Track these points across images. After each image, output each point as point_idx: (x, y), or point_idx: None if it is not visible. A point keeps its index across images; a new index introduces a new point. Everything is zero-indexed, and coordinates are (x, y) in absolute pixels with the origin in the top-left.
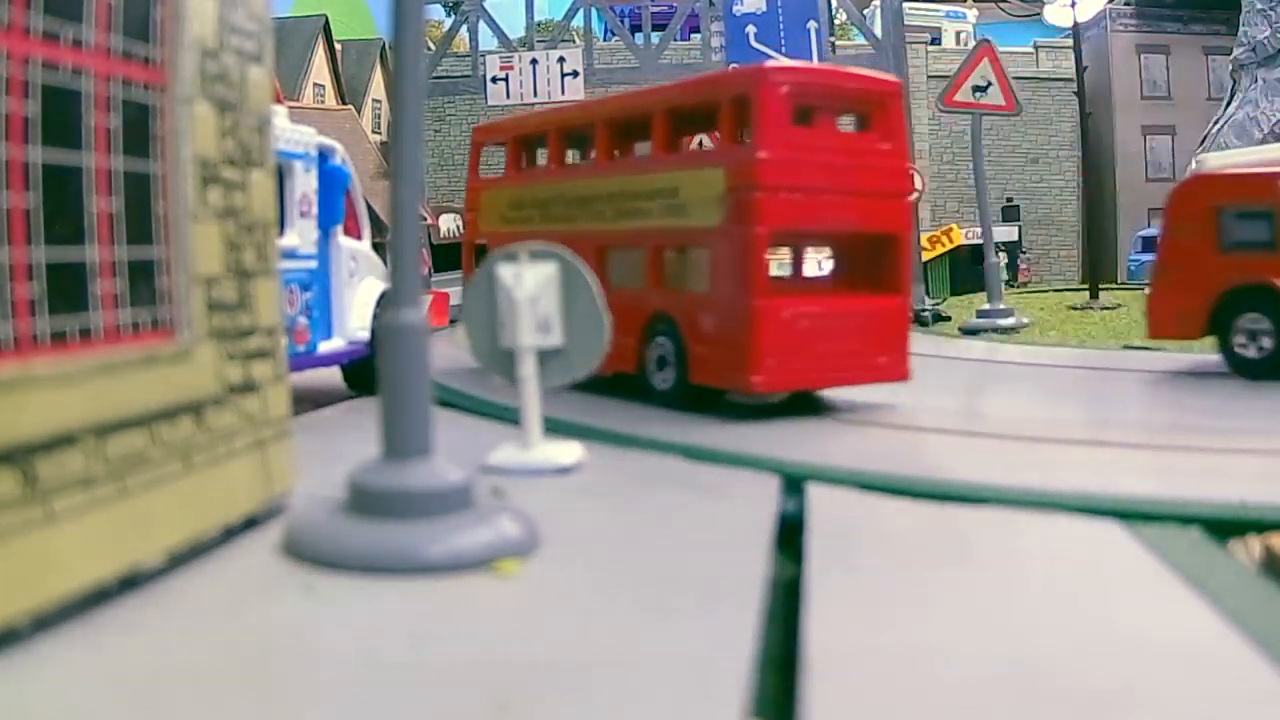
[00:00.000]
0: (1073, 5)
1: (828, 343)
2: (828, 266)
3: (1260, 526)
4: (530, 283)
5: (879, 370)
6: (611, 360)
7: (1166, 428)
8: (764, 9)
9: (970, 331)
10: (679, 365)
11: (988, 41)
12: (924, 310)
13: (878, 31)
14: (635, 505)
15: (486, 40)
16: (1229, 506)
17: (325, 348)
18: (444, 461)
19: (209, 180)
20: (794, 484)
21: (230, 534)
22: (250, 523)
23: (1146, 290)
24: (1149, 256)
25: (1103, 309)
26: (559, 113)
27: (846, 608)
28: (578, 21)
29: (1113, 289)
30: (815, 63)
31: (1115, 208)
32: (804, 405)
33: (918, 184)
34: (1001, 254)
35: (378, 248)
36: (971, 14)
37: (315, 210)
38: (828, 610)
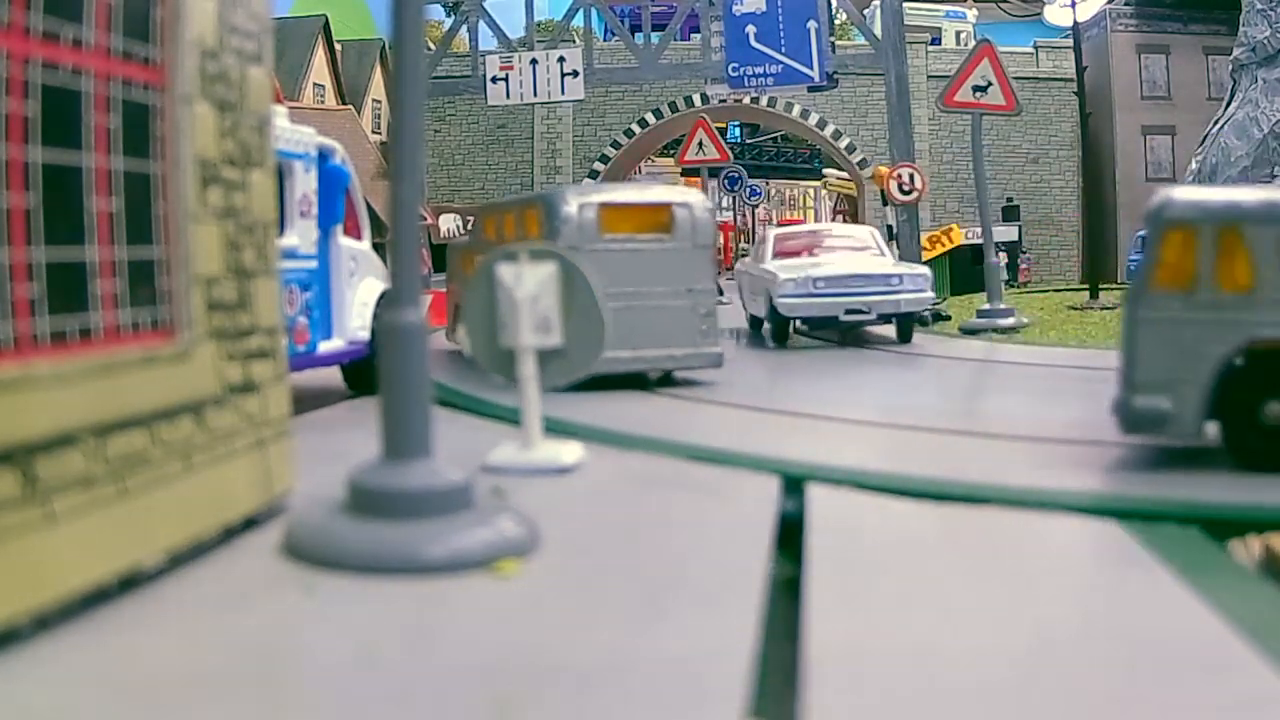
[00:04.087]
0: (1073, 5)
1: None
2: None
3: (1260, 526)
4: (530, 283)
5: None
6: None
7: None
8: (764, 9)
9: (970, 331)
10: None
11: (988, 41)
12: (924, 310)
13: (878, 31)
14: (635, 505)
15: (486, 40)
16: (1229, 506)
17: (325, 348)
18: (444, 461)
19: (209, 180)
20: (794, 484)
21: (230, 534)
22: (250, 523)
23: None
24: None
25: (1102, 309)
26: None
27: (846, 608)
28: (578, 21)
29: (1113, 289)
30: (814, 63)
31: (1115, 208)
32: (802, 403)
33: (918, 184)
34: (1002, 254)
35: (378, 248)
36: (971, 14)
37: (315, 210)
38: (828, 610)
